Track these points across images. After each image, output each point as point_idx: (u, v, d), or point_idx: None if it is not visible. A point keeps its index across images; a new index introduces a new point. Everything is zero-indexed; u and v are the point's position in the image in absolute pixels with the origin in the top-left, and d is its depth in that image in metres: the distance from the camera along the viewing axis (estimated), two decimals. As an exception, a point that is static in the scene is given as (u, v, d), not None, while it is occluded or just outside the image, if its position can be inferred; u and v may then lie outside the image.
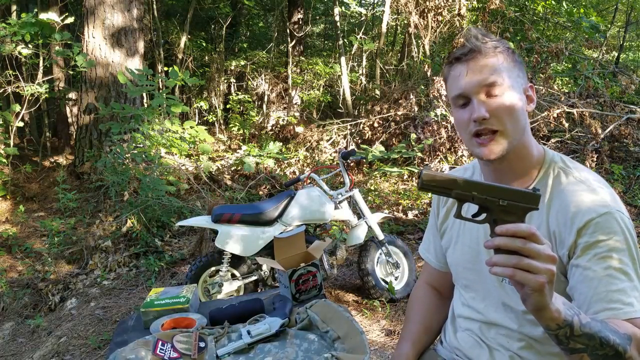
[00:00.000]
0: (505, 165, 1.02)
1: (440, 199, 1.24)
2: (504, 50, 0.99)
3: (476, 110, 0.97)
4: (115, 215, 4.48)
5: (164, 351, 1.15)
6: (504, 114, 0.96)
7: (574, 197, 0.96)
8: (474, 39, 0.99)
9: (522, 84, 1.01)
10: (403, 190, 5.38)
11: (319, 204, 2.97)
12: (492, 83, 0.96)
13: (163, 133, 4.80)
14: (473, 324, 1.14)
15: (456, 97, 1.00)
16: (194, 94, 8.99)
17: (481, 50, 0.98)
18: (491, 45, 0.99)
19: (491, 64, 0.97)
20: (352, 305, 3.13)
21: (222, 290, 2.79)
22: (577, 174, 1.00)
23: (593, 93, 5.38)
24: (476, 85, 0.97)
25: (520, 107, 0.98)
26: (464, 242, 1.14)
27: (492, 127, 0.97)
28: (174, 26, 9.15)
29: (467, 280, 1.15)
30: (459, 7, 6.62)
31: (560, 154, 1.07)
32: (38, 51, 5.51)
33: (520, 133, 0.99)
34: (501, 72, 0.97)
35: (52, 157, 6.73)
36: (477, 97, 0.97)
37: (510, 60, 1.00)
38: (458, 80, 0.99)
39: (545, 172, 1.03)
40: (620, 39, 8.81)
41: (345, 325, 1.21)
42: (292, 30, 8.74)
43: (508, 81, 0.97)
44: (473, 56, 0.98)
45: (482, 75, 0.97)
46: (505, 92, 0.97)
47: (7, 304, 3.35)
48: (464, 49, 0.99)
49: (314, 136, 6.73)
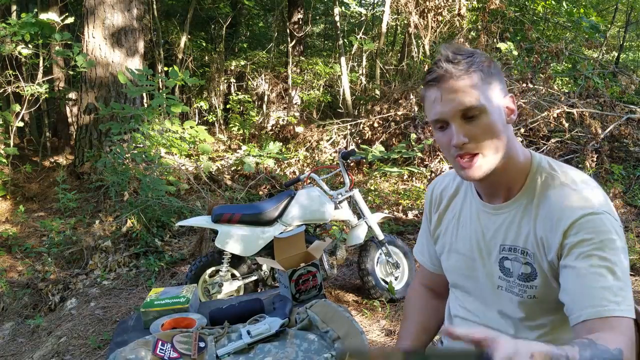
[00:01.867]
0: (492, 180, 1.01)
1: (432, 204, 1.23)
2: (478, 66, 0.95)
3: (454, 137, 0.95)
4: (115, 215, 4.48)
5: (164, 351, 1.15)
6: (483, 136, 0.95)
7: (559, 200, 0.96)
8: (444, 62, 0.95)
9: (500, 97, 0.99)
10: (403, 190, 5.39)
11: (319, 204, 2.97)
12: (467, 107, 0.94)
13: (163, 133, 4.80)
14: (471, 325, 1.14)
15: (434, 122, 0.99)
16: (194, 94, 8.99)
17: (452, 74, 0.94)
18: (464, 65, 0.95)
19: (465, 87, 0.94)
20: (352, 305, 3.13)
21: (222, 290, 2.79)
22: (563, 177, 0.99)
23: (593, 93, 5.38)
24: (452, 110, 0.95)
25: (500, 124, 0.96)
26: (458, 250, 1.14)
27: (472, 152, 0.96)
28: (174, 26, 9.15)
29: (464, 287, 1.15)
30: (459, 7, 6.63)
31: (547, 157, 1.06)
32: (38, 51, 5.51)
33: (502, 151, 0.97)
34: (476, 92, 0.94)
35: (52, 157, 6.73)
36: (455, 122, 0.95)
37: (485, 76, 0.96)
38: (434, 105, 0.97)
39: (532, 179, 1.02)
40: (620, 39, 8.81)
41: (345, 326, 1.21)
42: (292, 30, 8.74)
43: (484, 100, 0.94)
44: (445, 80, 0.95)
45: (457, 100, 0.94)
46: (483, 112, 0.94)
47: (7, 304, 3.35)
48: (435, 73, 0.96)
49: (314, 136, 6.73)
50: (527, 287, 1.00)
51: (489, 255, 1.07)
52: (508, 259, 1.03)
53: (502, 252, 1.04)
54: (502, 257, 1.04)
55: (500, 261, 1.04)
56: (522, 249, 1.00)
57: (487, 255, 1.07)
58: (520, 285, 1.01)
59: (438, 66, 0.96)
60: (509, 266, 1.03)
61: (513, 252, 1.02)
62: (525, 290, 1.00)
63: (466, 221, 1.13)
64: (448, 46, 0.98)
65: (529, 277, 1.00)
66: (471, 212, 1.12)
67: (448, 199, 1.19)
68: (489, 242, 1.07)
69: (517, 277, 1.01)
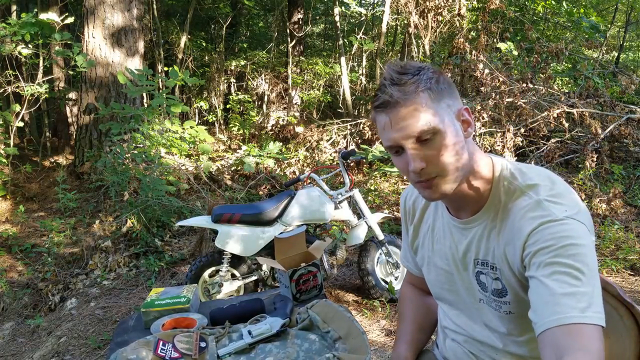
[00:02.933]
0: (456, 196, 0.98)
1: (407, 215, 1.20)
2: (426, 84, 0.90)
3: (411, 163, 0.91)
4: (115, 215, 4.48)
5: (164, 351, 1.15)
6: (441, 158, 0.91)
7: (519, 212, 0.92)
8: (389, 87, 0.90)
9: (453, 112, 0.94)
10: (403, 190, 5.38)
11: (319, 204, 2.97)
12: (419, 132, 0.89)
13: (163, 133, 4.80)
14: (459, 337, 1.13)
15: (388, 148, 0.95)
16: (194, 94, 8.99)
17: (398, 98, 0.89)
18: (411, 87, 0.90)
19: (413, 111, 0.89)
20: (352, 305, 3.13)
21: (222, 290, 2.79)
22: (523, 185, 0.95)
23: (593, 93, 5.38)
24: (404, 136, 0.90)
25: (456, 144, 0.92)
26: (436, 264, 1.11)
27: (430, 176, 0.92)
28: (174, 26, 9.15)
29: (447, 299, 1.13)
30: (459, 7, 6.63)
31: (509, 162, 1.02)
32: (38, 51, 5.51)
33: (462, 169, 0.94)
34: (427, 115, 0.89)
35: (52, 157, 6.73)
36: (409, 148, 0.91)
37: (435, 94, 0.91)
38: (385, 131, 0.93)
39: (496, 190, 0.98)
40: (620, 39, 8.81)
41: (346, 326, 1.21)
42: (292, 30, 8.74)
43: (436, 122, 0.90)
44: (392, 106, 0.90)
45: (407, 126, 0.90)
46: (436, 134, 0.90)
47: (7, 304, 3.35)
48: (380, 99, 0.91)
49: (314, 136, 6.73)
50: (501, 303, 0.98)
51: (466, 269, 1.04)
52: (483, 273, 1.01)
53: (477, 266, 1.02)
54: (477, 271, 1.02)
55: (476, 275, 1.02)
56: (492, 264, 0.98)
57: (463, 270, 1.05)
58: (495, 300, 0.99)
59: (382, 91, 0.91)
60: (484, 280, 1.01)
61: (485, 266, 1.00)
62: (500, 305, 0.98)
63: (440, 235, 1.10)
64: (392, 66, 0.93)
65: (500, 292, 0.97)
66: (443, 226, 1.09)
67: (420, 210, 1.16)
68: (463, 257, 1.04)
69: (491, 292, 0.99)
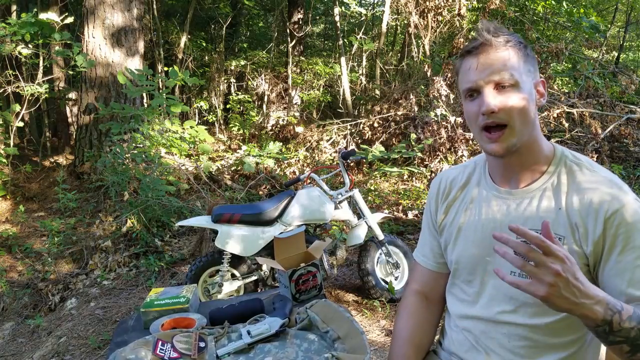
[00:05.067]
0: (514, 159, 1.03)
1: (439, 195, 1.22)
2: (516, 44, 0.99)
3: (485, 103, 0.97)
4: (115, 215, 4.48)
5: (164, 351, 1.15)
6: (513, 109, 0.97)
7: (595, 190, 0.96)
8: (485, 33, 0.99)
9: (532, 78, 1.02)
10: (403, 190, 5.38)
11: (319, 204, 2.97)
12: (501, 77, 0.97)
13: (163, 133, 4.80)
14: (471, 322, 1.12)
15: (466, 90, 1.02)
16: (194, 94, 8.99)
17: (492, 43, 0.98)
18: (503, 39, 0.99)
19: (502, 58, 0.98)
20: (352, 305, 3.13)
21: (222, 290, 2.79)
22: (590, 168, 1.01)
23: (593, 93, 5.38)
24: (486, 78, 0.98)
25: (529, 102, 0.99)
26: (467, 237, 1.12)
27: (500, 121, 0.98)
28: (174, 26, 9.15)
29: (471, 275, 1.13)
30: (459, 7, 6.63)
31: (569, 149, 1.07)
32: (38, 51, 5.51)
33: (530, 128, 1.00)
34: (511, 66, 0.97)
35: (52, 157, 6.73)
36: (487, 90, 0.98)
37: (521, 54, 1.00)
38: (469, 73, 1.00)
39: (556, 168, 1.03)
40: (620, 39, 8.82)
41: (345, 326, 1.21)
42: (292, 30, 8.74)
43: (518, 76, 0.98)
44: (484, 49, 0.99)
45: (492, 69, 0.97)
46: (515, 86, 0.97)
47: (7, 304, 3.35)
48: (475, 42, 1.00)
49: (314, 136, 6.74)
50: None
51: None
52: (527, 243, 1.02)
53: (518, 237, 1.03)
54: None
55: None
56: None
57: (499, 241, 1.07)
58: None
59: (480, 35, 0.99)
60: None
61: None
62: None
63: (478, 209, 1.11)
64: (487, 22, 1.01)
65: None
66: (485, 199, 1.11)
67: (458, 189, 1.18)
68: (504, 228, 1.05)
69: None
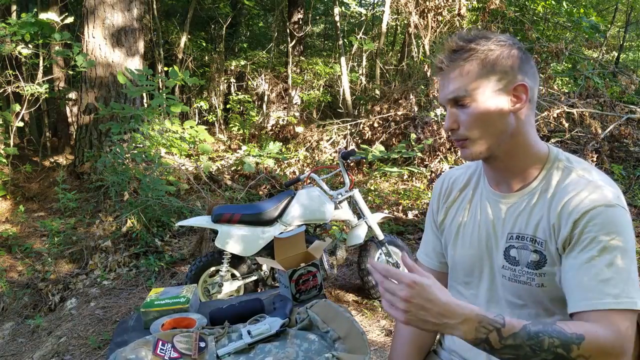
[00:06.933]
0: (498, 164, 1.06)
1: (440, 195, 1.24)
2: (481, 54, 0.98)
3: (445, 122, 1.04)
4: (115, 215, 4.48)
5: (164, 351, 1.15)
6: (472, 123, 1.00)
7: (575, 191, 0.97)
8: (440, 55, 1.02)
9: (504, 85, 0.99)
10: (403, 190, 5.38)
11: (319, 204, 2.97)
12: (456, 94, 1.00)
13: (163, 133, 4.80)
14: None
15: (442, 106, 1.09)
16: (194, 94, 8.99)
17: (444, 64, 1.01)
18: (462, 54, 0.99)
19: (457, 76, 0.99)
20: (352, 305, 3.13)
21: (222, 290, 2.79)
22: (580, 171, 1.01)
23: (593, 93, 5.38)
24: (444, 98, 1.02)
25: (495, 112, 0.99)
26: (465, 239, 1.14)
27: (459, 137, 1.02)
28: (174, 26, 9.15)
29: (468, 277, 1.14)
30: (459, 7, 6.62)
31: (565, 152, 1.08)
32: (38, 51, 5.51)
33: (500, 136, 1.00)
34: (465, 81, 0.98)
35: (52, 157, 6.73)
36: (448, 110, 1.03)
37: (490, 63, 0.98)
38: (438, 92, 1.07)
39: (548, 171, 1.04)
40: (620, 39, 8.82)
41: (345, 326, 1.21)
42: (292, 30, 8.74)
43: (480, 89, 0.98)
44: (440, 70, 1.02)
45: (448, 89, 1.01)
46: (474, 100, 0.99)
47: (7, 304, 3.35)
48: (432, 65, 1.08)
49: (314, 136, 6.73)
50: (535, 275, 1.01)
51: (497, 243, 1.08)
52: (514, 248, 1.04)
53: (509, 240, 1.05)
54: (508, 246, 1.05)
55: (505, 250, 1.05)
56: (532, 236, 1.01)
57: (494, 244, 1.08)
58: (529, 273, 1.02)
59: (435, 57, 1.04)
60: (514, 255, 1.04)
61: (521, 240, 1.03)
62: (534, 278, 1.01)
63: (475, 210, 1.14)
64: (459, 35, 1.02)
65: (537, 264, 1.01)
66: (481, 200, 1.13)
67: (458, 190, 1.20)
68: (497, 231, 1.08)
69: (525, 265, 1.02)
